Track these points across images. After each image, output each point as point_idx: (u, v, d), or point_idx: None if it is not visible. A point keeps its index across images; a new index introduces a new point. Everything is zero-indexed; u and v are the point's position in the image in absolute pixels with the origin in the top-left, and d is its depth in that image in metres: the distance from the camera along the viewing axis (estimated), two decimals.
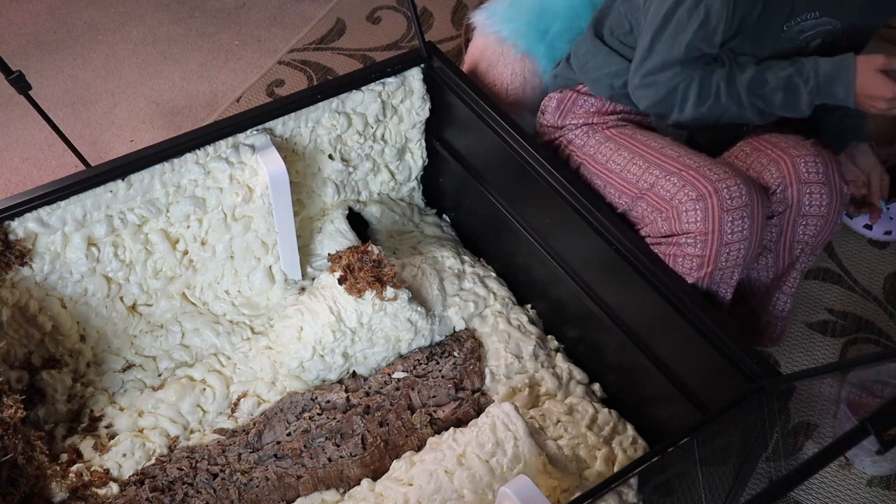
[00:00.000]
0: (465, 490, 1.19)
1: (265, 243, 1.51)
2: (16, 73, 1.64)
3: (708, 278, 1.28)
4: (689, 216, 1.26)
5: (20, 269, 1.33)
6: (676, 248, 1.28)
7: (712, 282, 1.29)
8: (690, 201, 1.26)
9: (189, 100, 2.28)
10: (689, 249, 1.26)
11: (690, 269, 1.28)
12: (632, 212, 1.38)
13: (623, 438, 1.36)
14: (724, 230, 1.24)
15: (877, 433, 0.72)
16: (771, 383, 1.09)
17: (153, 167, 1.36)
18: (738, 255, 1.26)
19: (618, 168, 1.39)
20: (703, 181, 1.26)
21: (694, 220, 1.25)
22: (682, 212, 1.27)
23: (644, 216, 1.35)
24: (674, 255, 1.29)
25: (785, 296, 1.41)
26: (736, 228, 1.24)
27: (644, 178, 1.34)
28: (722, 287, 1.30)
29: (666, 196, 1.29)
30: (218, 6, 2.56)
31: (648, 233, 1.35)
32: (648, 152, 1.36)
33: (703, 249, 1.25)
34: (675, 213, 1.28)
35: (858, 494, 1.52)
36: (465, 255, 1.64)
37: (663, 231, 1.30)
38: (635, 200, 1.36)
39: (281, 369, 1.44)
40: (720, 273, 1.27)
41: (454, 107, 1.54)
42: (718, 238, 1.24)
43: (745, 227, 1.24)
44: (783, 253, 1.38)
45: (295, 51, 2.40)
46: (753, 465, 1.20)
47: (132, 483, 1.29)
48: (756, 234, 1.26)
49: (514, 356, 1.48)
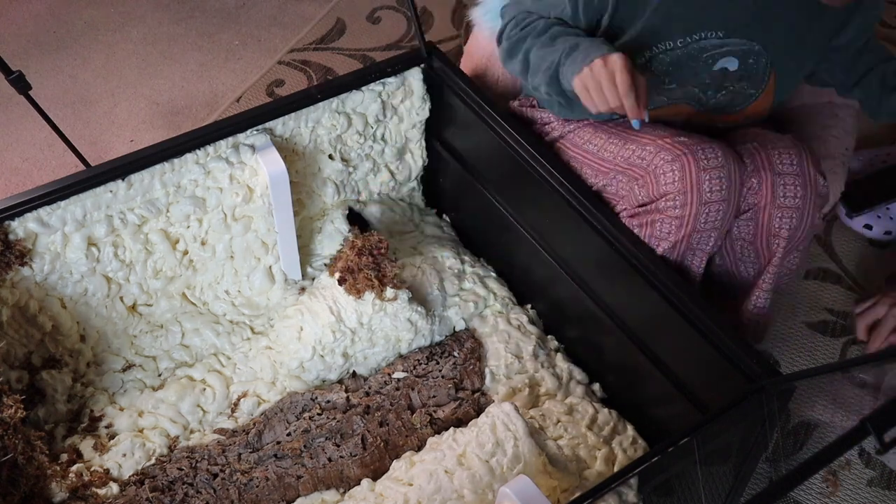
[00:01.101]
0: (465, 490, 1.19)
1: (265, 243, 1.51)
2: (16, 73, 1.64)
3: (686, 241, 1.28)
4: (666, 178, 1.26)
5: (20, 269, 1.33)
6: (655, 213, 1.28)
7: (689, 246, 1.29)
8: (666, 163, 1.26)
9: (189, 100, 2.28)
10: (668, 211, 1.26)
11: (669, 232, 1.27)
12: (608, 187, 1.38)
13: (623, 438, 1.36)
14: (703, 188, 1.24)
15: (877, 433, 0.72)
16: (771, 383, 1.09)
17: (153, 167, 1.36)
18: (717, 216, 1.26)
19: (594, 148, 1.40)
20: (678, 145, 1.27)
21: (672, 181, 1.25)
22: (658, 175, 1.27)
23: (619, 190, 1.35)
24: (651, 221, 1.29)
25: (762, 291, 1.40)
26: (714, 188, 1.24)
27: (620, 154, 1.35)
28: (698, 254, 1.31)
29: (642, 164, 1.30)
30: (218, 6, 2.56)
31: (625, 206, 1.35)
32: (625, 132, 1.38)
33: (683, 209, 1.25)
34: (653, 178, 1.27)
35: (858, 494, 1.52)
36: (465, 255, 1.64)
37: (640, 199, 1.31)
38: (611, 177, 1.36)
39: (281, 369, 1.44)
40: (697, 236, 1.27)
41: (454, 107, 1.54)
42: (698, 197, 1.24)
43: (724, 188, 1.24)
44: (762, 249, 1.38)
45: (295, 51, 2.40)
46: (753, 465, 1.20)
47: (132, 483, 1.29)
48: (734, 198, 1.26)
49: (514, 356, 1.48)
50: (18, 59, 2.32)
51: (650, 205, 1.29)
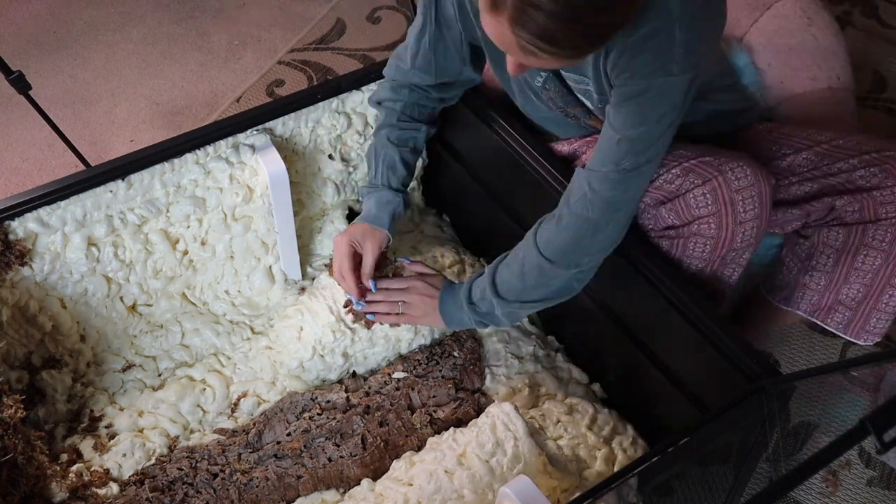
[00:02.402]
0: (465, 490, 1.19)
1: (265, 243, 1.51)
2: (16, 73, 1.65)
3: (720, 260, 1.26)
4: (697, 201, 1.23)
5: (20, 269, 1.33)
6: (689, 235, 1.26)
7: (723, 263, 1.27)
8: (697, 188, 1.23)
9: (189, 100, 2.28)
10: (702, 233, 1.24)
11: (703, 252, 1.26)
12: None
13: (623, 438, 1.36)
14: (737, 209, 1.21)
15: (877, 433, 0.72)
16: (771, 383, 1.09)
17: (153, 167, 1.36)
18: (752, 233, 1.24)
19: None
20: (705, 167, 1.24)
21: (705, 204, 1.23)
22: (689, 199, 1.24)
23: (643, 212, 1.32)
24: (683, 243, 1.27)
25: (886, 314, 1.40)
26: (748, 207, 1.22)
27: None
28: (729, 268, 1.29)
29: (669, 188, 1.26)
30: (218, 6, 2.56)
31: (652, 227, 1.32)
32: None
33: (718, 232, 1.23)
34: (683, 203, 1.25)
35: (858, 494, 1.52)
36: (465, 255, 1.64)
37: (669, 222, 1.28)
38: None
39: (281, 369, 1.44)
40: (733, 254, 1.26)
41: (454, 107, 1.54)
42: (732, 218, 1.22)
43: (757, 206, 1.22)
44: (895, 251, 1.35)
45: (295, 51, 2.40)
46: (753, 465, 1.20)
47: (132, 483, 1.29)
48: (766, 213, 1.25)
49: (514, 356, 1.48)
50: (18, 59, 2.32)
51: (682, 227, 1.27)
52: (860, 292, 1.35)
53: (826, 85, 1.54)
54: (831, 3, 2.44)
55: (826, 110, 1.54)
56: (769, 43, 1.56)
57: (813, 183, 1.33)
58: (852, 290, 1.36)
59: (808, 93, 1.54)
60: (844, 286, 1.36)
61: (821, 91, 1.54)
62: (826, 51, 1.56)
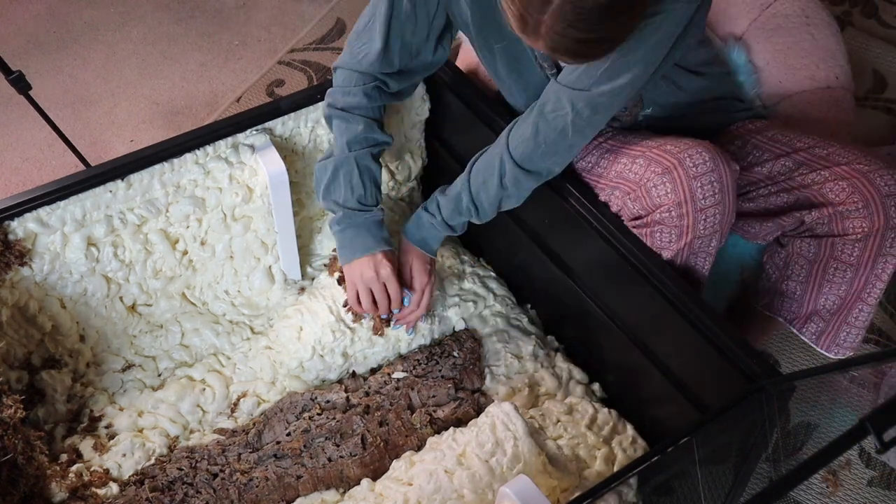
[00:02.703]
0: (464, 490, 1.19)
1: (265, 243, 1.51)
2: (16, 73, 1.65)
3: (688, 248, 1.27)
4: (657, 190, 1.25)
5: (20, 269, 1.33)
6: (653, 224, 1.27)
7: (692, 252, 1.28)
8: (657, 176, 1.25)
9: (189, 100, 2.28)
10: (666, 221, 1.25)
11: (670, 241, 1.27)
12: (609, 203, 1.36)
13: (623, 438, 1.36)
14: (696, 196, 1.23)
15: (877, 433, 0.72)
16: (771, 383, 1.09)
17: (153, 167, 1.36)
18: (715, 220, 1.25)
19: (589, 165, 1.39)
20: (665, 156, 1.26)
21: (664, 193, 1.25)
22: (650, 188, 1.26)
23: (615, 203, 1.34)
24: (650, 232, 1.28)
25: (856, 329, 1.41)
26: (707, 193, 1.23)
27: (613, 168, 1.34)
28: (700, 256, 1.30)
29: (634, 178, 1.29)
30: (218, 6, 2.56)
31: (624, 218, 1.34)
32: (615, 145, 1.37)
33: (681, 220, 1.24)
34: (644, 191, 1.27)
35: (858, 494, 1.52)
36: (465, 255, 1.64)
37: (634, 213, 1.30)
38: (608, 192, 1.35)
39: (281, 369, 1.44)
40: (699, 241, 1.27)
41: (454, 107, 1.54)
42: (692, 205, 1.23)
43: (717, 191, 1.23)
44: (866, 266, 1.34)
45: (295, 51, 2.40)
46: (753, 465, 1.20)
47: (132, 483, 1.29)
48: (729, 199, 1.26)
49: (513, 356, 1.48)
50: (18, 59, 2.32)
51: (646, 217, 1.28)
52: (834, 304, 1.36)
53: (824, 84, 1.54)
54: (831, 3, 2.44)
55: (824, 109, 1.54)
56: (767, 41, 1.56)
57: (788, 194, 1.34)
58: (828, 301, 1.37)
59: (807, 92, 1.54)
60: (820, 297, 1.37)
61: (819, 90, 1.54)
62: (824, 50, 1.56)
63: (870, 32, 2.36)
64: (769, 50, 1.55)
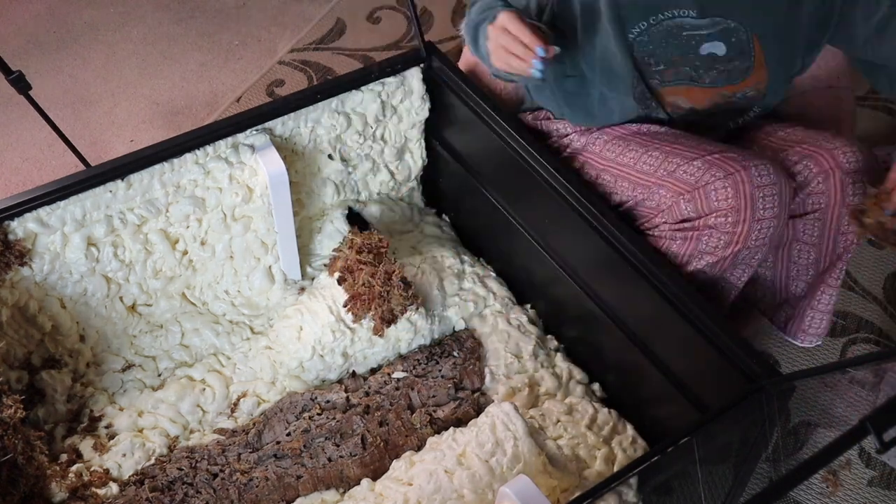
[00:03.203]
0: (464, 490, 1.19)
1: (265, 243, 1.51)
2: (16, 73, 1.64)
3: (732, 258, 1.26)
4: (718, 194, 1.23)
5: (20, 269, 1.33)
6: (704, 228, 1.25)
7: (734, 262, 1.27)
8: (718, 180, 1.23)
9: (189, 100, 2.28)
10: (719, 227, 1.24)
11: (717, 247, 1.25)
12: (647, 201, 1.35)
13: (623, 438, 1.36)
14: (757, 206, 1.21)
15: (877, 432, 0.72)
16: (771, 383, 1.09)
17: (153, 167, 1.36)
18: (768, 232, 1.24)
19: (631, 161, 1.36)
20: (730, 162, 1.24)
21: (724, 198, 1.23)
22: (710, 191, 1.24)
23: (661, 203, 1.32)
24: (697, 236, 1.26)
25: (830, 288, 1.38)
26: (767, 205, 1.22)
27: (663, 167, 1.31)
28: (739, 268, 1.29)
29: (690, 180, 1.26)
30: (218, 6, 2.56)
31: (666, 219, 1.32)
32: (662, 144, 1.34)
33: (735, 227, 1.23)
34: (703, 193, 1.25)
35: (858, 494, 1.51)
36: (465, 255, 1.64)
37: (686, 214, 1.28)
38: (653, 189, 1.32)
39: (281, 369, 1.44)
40: (746, 252, 1.25)
41: (454, 107, 1.54)
42: (751, 214, 1.22)
43: (776, 204, 1.22)
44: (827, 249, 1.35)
45: (295, 51, 2.40)
46: (753, 465, 1.20)
47: (132, 483, 1.29)
48: (784, 215, 1.24)
49: (513, 356, 1.48)
50: (18, 59, 2.32)
51: (697, 220, 1.26)
52: (803, 290, 1.36)
53: (826, 84, 1.54)
54: None
55: (826, 108, 1.54)
56: None
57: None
58: (798, 287, 1.36)
59: (809, 92, 1.54)
60: (791, 283, 1.37)
61: (821, 90, 1.54)
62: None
63: None
64: None
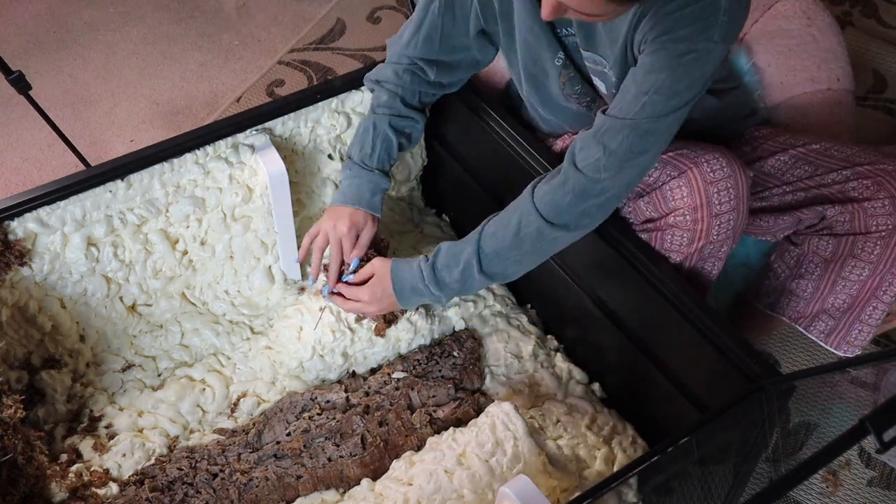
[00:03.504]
0: (464, 490, 1.19)
1: (265, 243, 1.51)
2: (16, 73, 1.65)
3: (698, 254, 1.27)
4: (673, 194, 1.25)
5: (20, 269, 1.33)
6: (665, 227, 1.27)
7: (701, 257, 1.28)
8: (673, 179, 1.24)
9: (189, 100, 2.28)
10: (679, 225, 1.25)
11: (681, 245, 1.26)
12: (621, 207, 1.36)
13: (623, 438, 1.36)
14: (713, 201, 1.22)
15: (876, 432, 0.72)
16: (771, 383, 1.09)
17: (153, 167, 1.36)
18: (728, 226, 1.25)
19: None
20: (682, 160, 1.25)
21: (680, 196, 1.24)
22: (666, 191, 1.25)
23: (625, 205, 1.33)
24: (661, 235, 1.27)
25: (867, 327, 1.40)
26: (723, 199, 1.23)
27: None
28: (709, 262, 1.30)
29: (648, 180, 1.28)
30: (218, 6, 2.56)
31: (633, 221, 1.33)
32: None
33: (695, 224, 1.24)
34: (660, 195, 1.26)
35: (858, 494, 1.51)
36: None
37: (647, 214, 1.29)
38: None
39: (280, 369, 1.44)
40: (710, 247, 1.27)
41: (454, 107, 1.54)
42: (708, 210, 1.22)
43: (732, 197, 1.23)
44: (885, 265, 1.33)
45: (295, 51, 2.40)
46: (753, 465, 1.20)
47: (132, 483, 1.29)
48: (743, 205, 1.25)
49: (513, 356, 1.48)
50: (18, 59, 2.32)
51: (659, 220, 1.27)
52: (845, 302, 1.36)
53: (826, 86, 1.54)
54: (831, 3, 2.44)
55: (825, 111, 1.54)
56: (769, 43, 1.56)
57: (805, 192, 1.34)
58: (838, 299, 1.36)
59: (808, 94, 1.54)
60: (830, 295, 1.37)
61: (820, 92, 1.54)
62: (826, 51, 1.56)
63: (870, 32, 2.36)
64: (770, 51, 1.55)
